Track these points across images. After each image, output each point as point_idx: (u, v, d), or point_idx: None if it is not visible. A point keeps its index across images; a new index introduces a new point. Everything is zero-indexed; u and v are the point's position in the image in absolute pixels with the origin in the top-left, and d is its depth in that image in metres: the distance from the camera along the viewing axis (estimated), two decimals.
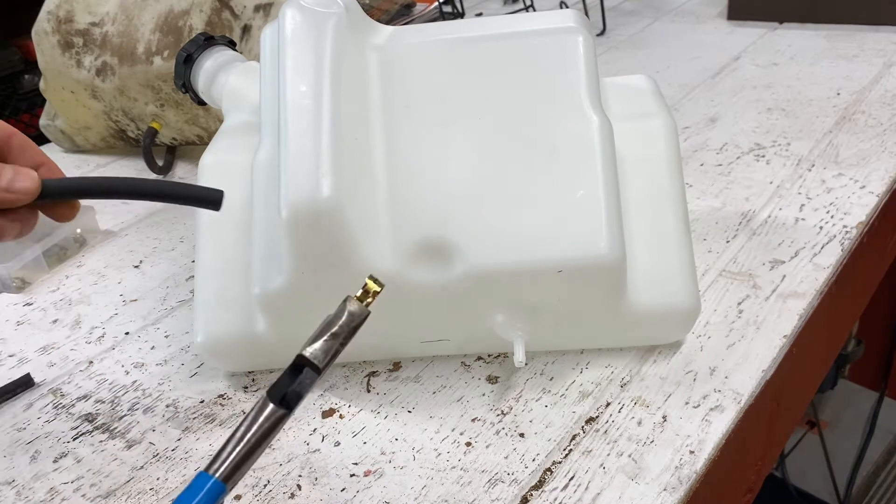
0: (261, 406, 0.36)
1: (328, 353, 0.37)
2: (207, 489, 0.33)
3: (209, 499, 0.33)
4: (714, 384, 0.52)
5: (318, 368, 0.37)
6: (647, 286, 0.52)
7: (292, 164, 0.46)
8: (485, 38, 0.53)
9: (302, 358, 0.37)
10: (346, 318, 0.38)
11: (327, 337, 0.37)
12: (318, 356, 0.37)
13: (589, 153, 0.49)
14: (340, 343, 0.37)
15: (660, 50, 1.09)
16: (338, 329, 0.38)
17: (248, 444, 0.35)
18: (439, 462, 0.49)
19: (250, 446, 0.35)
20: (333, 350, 0.37)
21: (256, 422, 0.35)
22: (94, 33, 0.87)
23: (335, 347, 0.37)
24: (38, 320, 0.67)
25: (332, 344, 0.37)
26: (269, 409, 0.36)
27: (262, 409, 0.36)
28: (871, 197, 0.71)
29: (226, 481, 0.34)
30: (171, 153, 0.93)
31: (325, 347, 0.37)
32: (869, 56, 0.99)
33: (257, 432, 0.35)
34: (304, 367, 0.37)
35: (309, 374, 0.37)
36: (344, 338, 0.38)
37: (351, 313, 0.38)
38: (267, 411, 0.36)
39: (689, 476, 0.46)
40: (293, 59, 0.49)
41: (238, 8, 0.83)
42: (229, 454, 0.34)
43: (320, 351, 0.37)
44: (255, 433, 0.35)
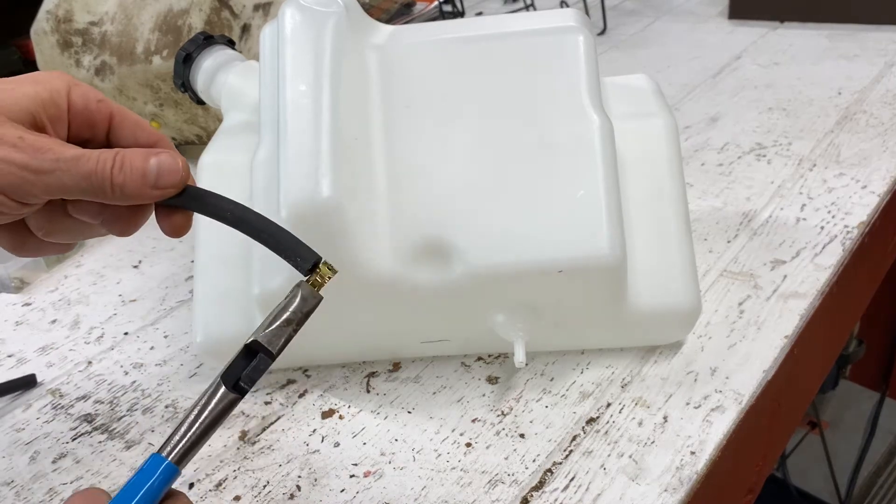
0: (214, 390, 0.36)
1: (281, 338, 0.37)
2: (161, 471, 0.34)
3: (162, 481, 0.34)
4: (715, 384, 0.52)
5: (272, 354, 0.37)
6: (647, 286, 0.52)
7: (292, 163, 0.46)
8: (485, 38, 0.53)
9: (256, 343, 0.37)
10: (299, 303, 0.38)
11: (281, 323, 0.37)
12: (273, 341, 0.37)
13: (589, 153, 0.49)
14: (293, 329, 0.37)
15: (660, 49, 1.09)
16: (291, 315, 0.38)
17: (201, 427, 0.35)
18: (439, 463, 0.49)
19: (202, 430, 0.35)
20: (286, 336, 0.37)
21: (209, 405, 0.36)
22: (93, 33, 0.87)
23: (288, 333, 0.37)
24: (36, 320, 0.67)
25: (286, 330, 0.37)
26: (221, 392, 0.36)
27: (215, 393, 0.36)
28: (873, 197, 0.70)
29: (178, 463, 0.34)
30: None
31: (278, 333, 0.37)
32: (870, 55, 0.99)
33: (209, 416, 0.35)
34: (257, 353, 0.37)
35: (263, 360, 0.37)
36: (297, 323, 0.38)
37: (304, 298, 0.38)
38: (219, 395, 0.36)
39: (689, 477, 0.46)
40: (293, 58, 0.48)
41: (237, 7, 0.83)
42: (182, 437, 0.35)
43: (274, 336, 0.37)
44: (208, 417, 0.35)
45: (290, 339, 0.37)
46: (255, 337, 0.37)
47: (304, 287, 0.38)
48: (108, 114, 0.41)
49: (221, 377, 0.36)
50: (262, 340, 0.37)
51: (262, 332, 0.37)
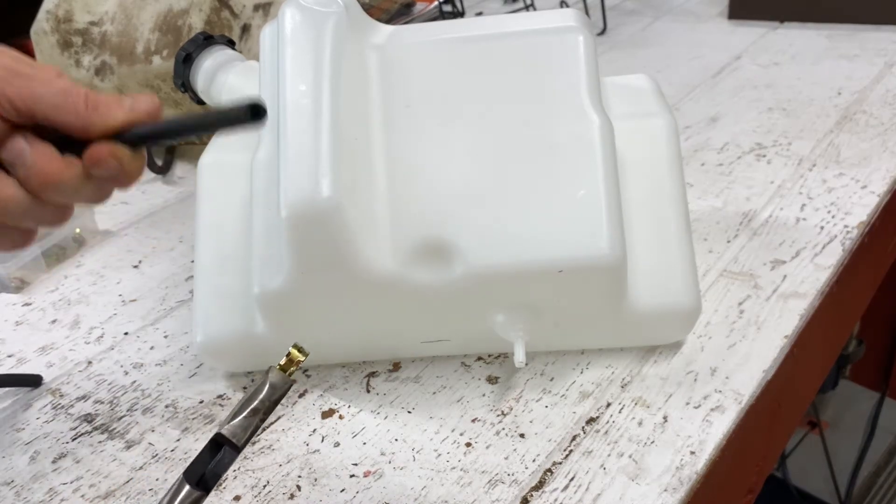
0: (177, 488, 0.35)
1: (247, 430, 0.36)
2: None
3: None
4: (715, 384, 0.52)
5: (238, 447, 0.36)
6: (647, 286, 0.52)
7: (292, 163, 0.46)
8: (485, 38, 0.53)
9: (220, 436, 0.36)
10: (268, 391, 0.37)
11: (247, 413, 0.37)
12: (237, 434, 0.36)
13: (589, 153, 0.49)
14: (261, 418, 0.37)
15: (660, 49, 1.09)
16: (258, 404, 0.37)
17: None
18: (439, 463, 0.49)
19: None
20: (254, 426, 0.37)
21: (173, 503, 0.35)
22: (93, 32, 0.87)
23: (255, 423, 0.37)
24: (36, 320, 0.67)
25: (252, 420, 0.37)
26: (185, 490, 0.35)
27: (179, 491, 0.35)
28: (873, 197, 0.70)
29: None
30: (171, 153, 0.92)
31: (244, 424, 0.36)
32: (870, 55, 0.99)
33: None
34: (223, 446, 0.36)
35: (228, 453, 0.36)
36: (265, 412, 0.37)
37: (273, 386, 0.38)
38: (183, 493, 0.35)
39: (689, 477, 0.46)
40: (292, 58, 0.48)
41: (237, 7, 0.83)
42: None
43: (239, 428, 0.36)
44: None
45: (258, 428, 0.37)
46: (220, 430, 0.36)
47: (274, 373, 0.38)
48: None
49: (184, 473, 0.36)
50: (227, 433, 0.36)
51: (227, 423, 0.36)
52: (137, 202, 0.84)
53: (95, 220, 0.79)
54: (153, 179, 0.89)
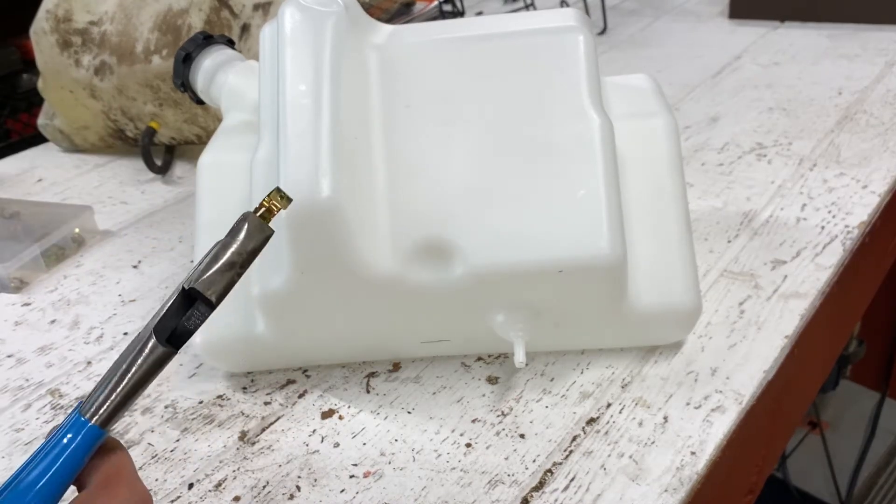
0: (144, 342, 0.31)
1: (225, 287, 0.32)
2: (84, 435, 0.30)
3: (86, 446, 0.31)
4: (715, 385, 0.52)
5: (212, 303, 0.32)
6: (648, 286, 0.51)
7: (291, 163, 0.46)
8: (485, 38, 0.53)
9: (194, 290, 0.32)
10: (244, 240, 0.33)
11: (222, 266, 0.32)
12: (214, 288, 0.32)
13: (590, 153, 0.49)
14: (237, 272, 0.33)
15: (661, 49, 1.09)
16: (233, 256, 0.32)
17: (129, 385, 0.31)
18: (439, 463, 0.49)
19: (130, 387, 0.31)
20: (228, 280, 0.32)
21: (138, 360, 0.31)
22: (93, 32, 0.87)
23: (230, 277, 0.32)
24: (36, 320, 0.67)
25: (228, 275, 0.32)
26: (152, 346, 0.32)
27: (145, 347, 0.31)
28: (873, 197, 0.70)
29: (104, 426, 0.31)
30: (170, 152, 0.92)
31: (220, 279, 0.32)
32: (871, 55, 0.99)
33: (138, 372, 0.31)
34: (195, 300, 0.32)
35: (201, 309, 0.32)
36: (241, 266, 0.33)
37: (249, 234, 0.33)
38: (148, 349, 0.31)
39: (690, 477, 0.46)
40: (292, 58, 0.48)
41: (237, 7, 0.83)
42: (107, 397, 0.31)
43: (215, 282, 0.32)
44: (136, 373, 0.31)
45: (234, 283, 0.33)
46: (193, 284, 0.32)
47: (251, 219, 0.33)
48: None
49: (154, 329, 0.32)
50: (201, 287, 0.32)
51: (201, 275, 0.32)
52: (137, 202, 0.84)
53: (95, 220, 0.79)
54: (153, 179, 0.89)
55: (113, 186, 0.89)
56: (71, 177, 0.92)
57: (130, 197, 0.85)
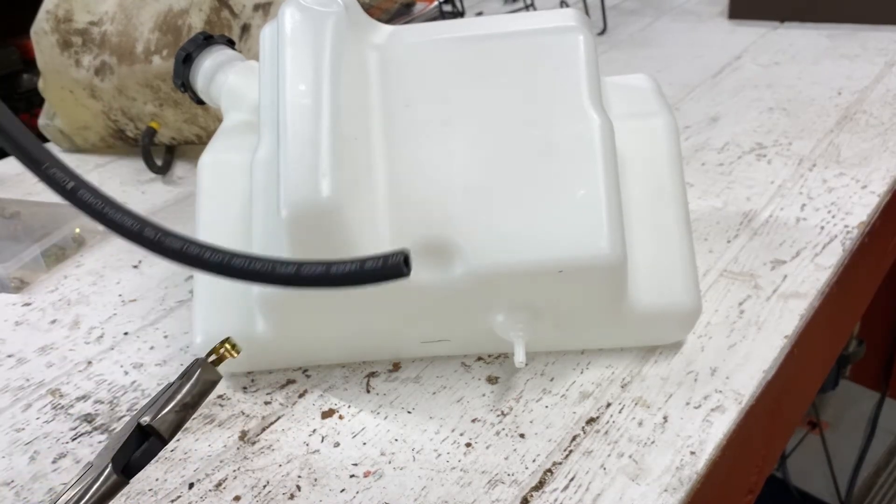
0: (102, 470, 0.35)
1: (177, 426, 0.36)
2: None
3: None
4: (715, 385, 0.52)
5: (165, 440, 0.36)
6: (648, 286, 0.52)
7: (291, 163, 0.46)
8: (485, 38, 0.53)
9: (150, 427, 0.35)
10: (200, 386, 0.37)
11: (177, 407, 0.36)
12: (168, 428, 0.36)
13: (590, 152, 0.49)
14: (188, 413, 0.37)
15: (661, 49, 1.09)
16: (190, 399, 0.36)
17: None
18: (439, 463, 0.49)
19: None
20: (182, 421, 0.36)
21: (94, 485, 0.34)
22: (93, 32, 0.87)
23: (184, 418, 0.36)
24: (36, 320, 0.67)
25: (183, 416, 0.36)
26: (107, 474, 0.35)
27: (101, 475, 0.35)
28: (873, 197, 0.70)
29: None
30: (170, 152, 0.92)
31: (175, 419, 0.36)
32: (871, 55, 0.99)
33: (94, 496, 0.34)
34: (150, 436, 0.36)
35: (155, 444, 0.36)
36: (192, 406, 0.37)
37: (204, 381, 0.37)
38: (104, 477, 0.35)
39: (690, 477, 0.46)
40: (292, 58, 0.48)
41: (237, 7, 0.83)
42: None
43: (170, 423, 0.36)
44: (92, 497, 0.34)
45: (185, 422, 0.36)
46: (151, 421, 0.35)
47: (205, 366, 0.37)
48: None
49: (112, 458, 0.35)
50: (158, 426, 0.35)
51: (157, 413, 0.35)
52: (137, 202, 0.84)
53: None
54: (153, 179, 0.89)
55: (113, 186, 0.89)
56: None
57: (131, 197, 0.86)
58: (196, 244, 0.36)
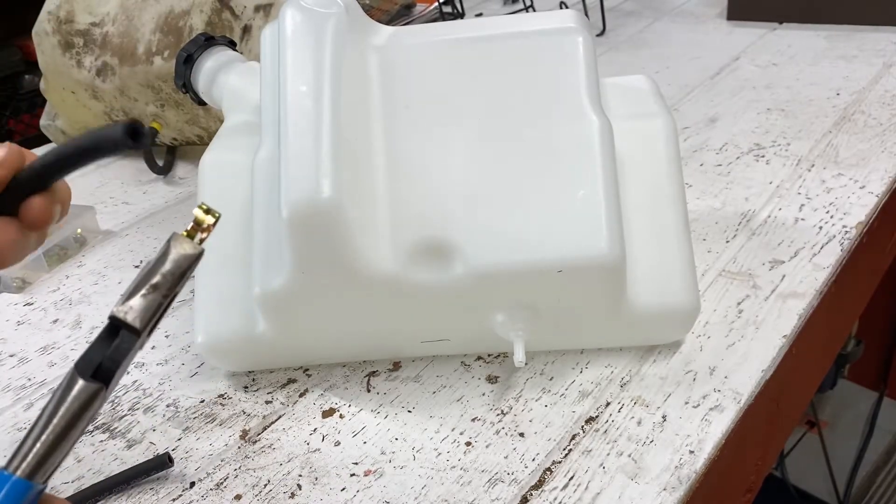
0: (68, 383, 0.29)
1: (149, 311, 0.30)
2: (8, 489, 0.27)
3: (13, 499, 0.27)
4: (714, 384, 0.52)
5: (138, 330, 0.30)
6: (646, 286, 0.52)
7: (292, 164, 0.46)
8: (485, 39, 0.53)
9: (115, 319, 0.29)
10: (171, 264, 0.30)
11: (146, 290, 0.30)
12: (135, 314, 0.29)
13: (589, 153, 0.49)
14: (163, 295, 0.30)
15: (659, 50, 1.09)
16: (159, 279, 0.30)
17: (55, 431, 0.29)
18: (439, 462, 0.49)
19: (57, 433, 0.29)
20: (155, 306, 0.30)
21: (64, 403, 0.29)
22: (95, 33, 0.87)
23: (157, 302, 0.30)
24: (38, 320, 0.67)
25: (154, 298, 0.30)
26: (78, 385, 0.29)
27: (70, 387, 0.29)
28: (871, 197, 0.71)
29: (31, 477, 0.28)
30: (172, 153, 0.93)
31: (144, 304, 0.30)
32: (868, 56, 0.99)
33: (66, 415, 0.29)
34: (120, 330, 0.30)
35: (127, 338, 0.30)
36: (168, 289, 0.30)
37: (177, 257, 0.31)
38: (76, 389, 0.29)
39: (688, 476, 0.46)
40: (293, 59, 0.49)
41: (238, 8, 0.83)
42: (32, 446, 0.28)
43: (139, 309, 0.29)
44: (63, 417, 0.29)
45: (162, 308, 0.30)
46: (116, 310, 0.30)
47: (178, 241, 0.31)
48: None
49: (75, 366, 0.30)
50: (121, 314, 0.30)
51: (123, 302, 0.30)
52: (139, 202, 0.84)
53: (97, 220, 0.79)
54: (154, 180, 0.89)
55: (115, 187, 0.89)
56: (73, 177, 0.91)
57: (132, 197, 0.86)
58: None
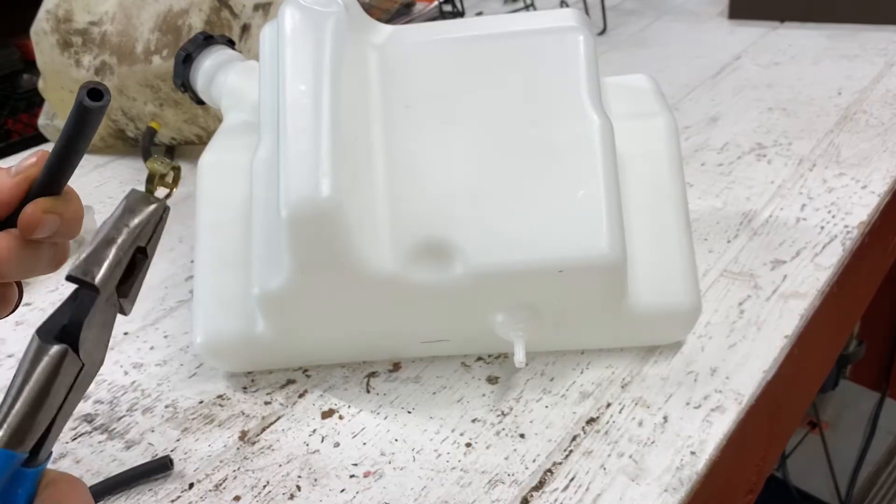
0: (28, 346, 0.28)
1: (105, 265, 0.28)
2: None
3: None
4: (715, 384, 0.52)
5: (94, 286, 0.28)
6: (647, 286, 0.52)
7: (292, 163, 0.46)
8: (485, 38, 0.53)
9: (70, 278, 0.28)
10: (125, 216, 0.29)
11: (99, 245, 0.28)
12: (88, 269, 0.28)
13: (589, 153, 0.49)
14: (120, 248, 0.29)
15: (660, 49, 1.09)
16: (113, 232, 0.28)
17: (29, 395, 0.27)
18: (439, 463, 0.49)
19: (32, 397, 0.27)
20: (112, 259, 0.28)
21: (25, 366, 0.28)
22: (93, 32, 0.87)
23: (113, 256, 0.28)
24: (36, 320, 0.67)
25: (104, 251, 0.28)
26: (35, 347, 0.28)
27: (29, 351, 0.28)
28: (873, 197, 0.70)
29: (8, 445, 0.27)
30: (170, 153, 0.92)
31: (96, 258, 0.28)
32: (870, 55, 0.99)
33: (36, 379, 0.28)
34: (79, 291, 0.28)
35: (87, 297, 0.28)
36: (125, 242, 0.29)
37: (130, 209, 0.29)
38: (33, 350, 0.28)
39: (690, 477, 0.46)
40: (292, 58, 0.48)
41: (237, 7, 0.83)
42: (7, 414, 0.27)
43: (92, 262, 0.28)
44: (34, 381, 0.28)
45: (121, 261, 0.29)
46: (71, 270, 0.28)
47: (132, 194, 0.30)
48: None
49: (36, 332, 0.28)
50: (75, 272, 0.28)
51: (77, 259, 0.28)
52: None
53: (95, 220, 0.79)
54: None
55: (113, 186, 0.89)
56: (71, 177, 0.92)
57: None
58: None
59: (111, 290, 0.29)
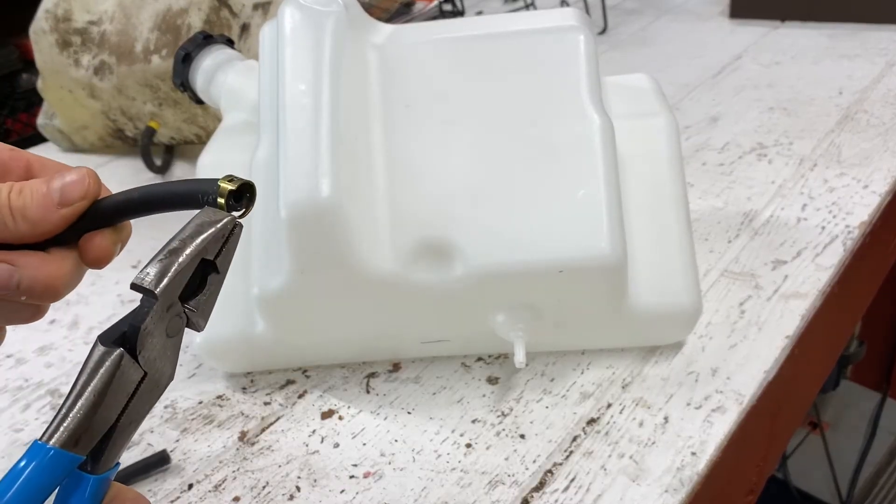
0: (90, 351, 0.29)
1: (165, 274, 0.30)
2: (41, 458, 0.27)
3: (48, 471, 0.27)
4: (716, 385, 0.52)
5: (153, 293, 0.29)
6: (648, 286, 0.51)
7: (291, 163, 0.46)
8: (485, 37, 0.53)
9: (133, 286, 0.30)
10: (191, 229, 0.31)
11: (163, 255, 0.30)
12: (153, 278, 0.29)
13: (590, 153, 0.49)
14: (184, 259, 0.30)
15: (661, 49, 1.09)
16: (177, 244, 0.30)
17: (89, 399, 0.29)
18: (439, 463, 0.49)
19: (92, 400, 0.29)
20: (173, 268, 0.30)
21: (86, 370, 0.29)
22: (93, 32, 0.87)
23: (176, 264, 0.30)
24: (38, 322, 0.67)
25: (170, 262, 0.30)
26: (102, 352, 0.29)
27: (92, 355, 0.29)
28: (874, 196, 0.70)
29: (65, 447, 0.28)
30: (170, 152, 0.92)
31: (160, 268, 0.30)
32: (871, 55, 0.99)
33: (95, 383, 0.29)
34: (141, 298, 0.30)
35: (145, 303, 0.30)
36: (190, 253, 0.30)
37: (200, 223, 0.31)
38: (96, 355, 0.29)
39: (690, 477, 0.46)
40: (292, 57, 0.48)
41: (237, 6, 0.83)
42: (66, 416, 0.28)
43: (154, 273, 0.30)
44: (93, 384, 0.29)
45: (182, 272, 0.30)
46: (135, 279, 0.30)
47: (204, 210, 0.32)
48: (25, 163, 0.35)
49: (98, 337, 0.30)
50: (137, 280, 0.30)
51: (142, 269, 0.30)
52: None
53: None
54: (152, 179, 0.89)
55: (112, 186, 0.88)
56: None
57: None
58: None
59: (173, 298, 0.30)
